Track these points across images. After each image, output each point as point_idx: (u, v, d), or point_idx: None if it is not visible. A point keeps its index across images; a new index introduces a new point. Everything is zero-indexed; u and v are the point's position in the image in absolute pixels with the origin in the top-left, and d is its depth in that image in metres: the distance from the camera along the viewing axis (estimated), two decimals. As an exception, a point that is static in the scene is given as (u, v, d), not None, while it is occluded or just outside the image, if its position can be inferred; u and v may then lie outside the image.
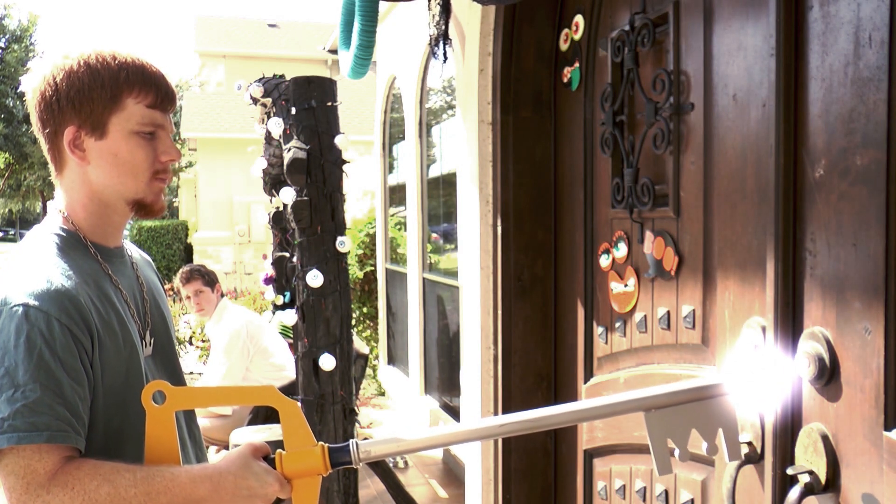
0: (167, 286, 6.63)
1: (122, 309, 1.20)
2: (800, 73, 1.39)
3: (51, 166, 1.21)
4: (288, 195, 2.83)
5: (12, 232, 48.56)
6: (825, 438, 1.31)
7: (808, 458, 1.33)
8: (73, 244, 1.18)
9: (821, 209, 1.34)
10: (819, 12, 1.35)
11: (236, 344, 3.54)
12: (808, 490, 1.29)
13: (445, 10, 2.61)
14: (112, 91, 1.15)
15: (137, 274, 1.32)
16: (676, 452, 1.11)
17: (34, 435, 1.02)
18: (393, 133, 6.16)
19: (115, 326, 1.16)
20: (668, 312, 1.88)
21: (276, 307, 3.77)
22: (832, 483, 1.29)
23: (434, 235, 5.09)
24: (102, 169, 1.17)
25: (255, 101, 3.40)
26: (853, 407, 1.26)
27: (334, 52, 6.86)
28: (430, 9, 2.67)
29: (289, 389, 3.32)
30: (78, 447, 1.07)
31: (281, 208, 3.60)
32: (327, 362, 2.79)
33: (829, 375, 1.30)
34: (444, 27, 2.61)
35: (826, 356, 1.30)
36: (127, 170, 1.18)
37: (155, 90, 1.18)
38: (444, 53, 2.69)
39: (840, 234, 1.30)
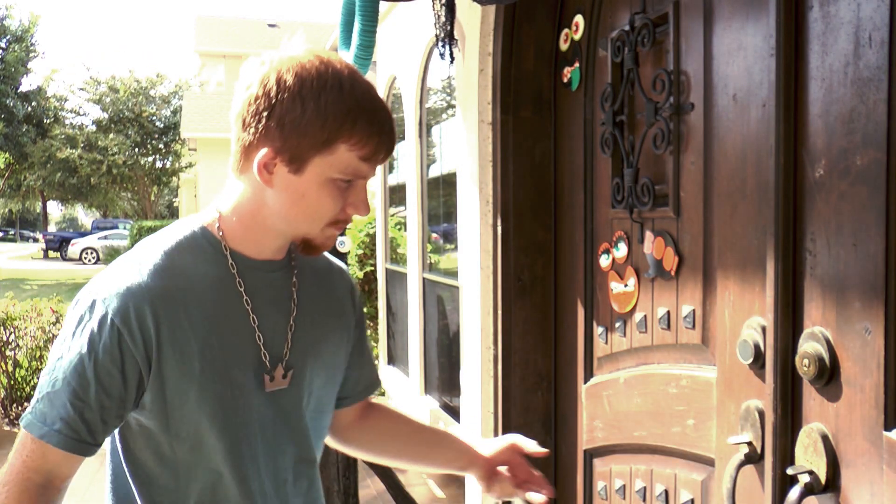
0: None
1: (236, 328, 1.09)
2: (800, 73, 1.39)
3: (233, 159, 1.09)
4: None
5: (12, 232, 48.56)
6: (825, 438, 1.31)
7: (808, 458, 1.33)
8: (200, 247, 1.09)
9: (821, 209, 1.34)
10: (819, 12, 1.35)
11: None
12: (808, 490, 1.29)
13: (450, 10, 2.61)
14: (329, 133, 1.01)
15: (293, 296, 1.16)
16: None
17: (35, 426, 1.02)
18: (393, 133, 6.15)
19: (196, 344, 1.05)
20: (668, 312, 1.88)
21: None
22: (832, 483, 1.29)
23: (434, 235, 5.09)
24: (282, 201, 1.05)
25: (255, 101, 3.41)
26: (853, 407, 1.26)
27: (334, 52, 6.85)
28: (434, 9, 2.67)
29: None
30: (75, 452, 1.03)
31: (281, 208, 3.60)
32: (327, 362, 2.78)
33: (829, 375, 1.30)
34: (449, 27, 2.61)
35: (826, 356, 1.30)
36: (307, 214, 1.06)
37: (376, 143, 1.04)
38: (451, 54, 2.68)
39: (840, 234, 1.30)
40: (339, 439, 1.39)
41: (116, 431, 1.12)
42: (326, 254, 1.25)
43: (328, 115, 1.00)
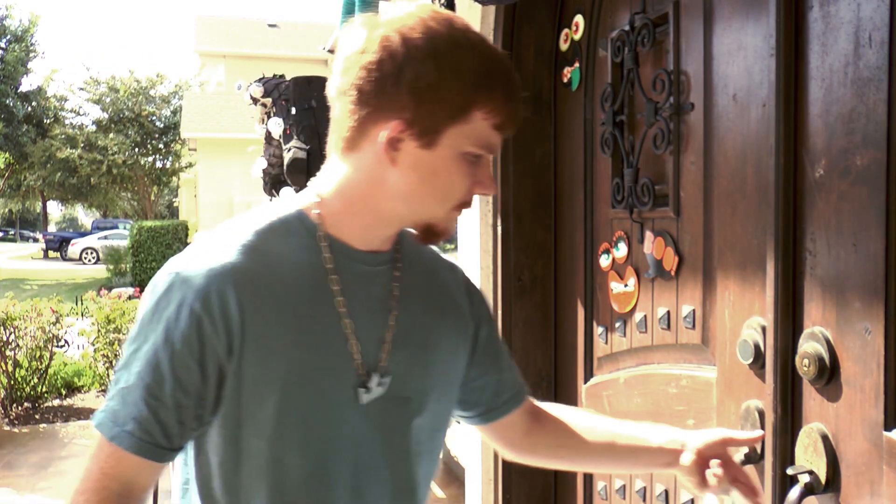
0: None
1: (328, 326, 0.95)
2: (800, 73, 1.39)
3: (335, 138, 0.96)
4: (288, 195, 2.83)
5: (12, 232, 48.58)
6: (825, 438, 1.31)
7: (808, 458, 1.33)
8: (295, 231, 0.96)
9: (821, 209, 1.34)
10: (819, 12, 1.35)
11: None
12: (809, 490, 1.29)
13: (450, 9, 2.61)
14: (466, 98, 0.89)
15: (396, 293, 1.02)
16: None
17: (106, 425, 0.90)
18: (393, 133, 6.16)
19: (283, 340, 0.92)
20: (668, 312, 1.88)
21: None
22: (832, 483, 1.29)
23: (434, 235, 5.09)
24: (409, 180, 0.92)
25: (255, 101, 3.41)
26: (853, 407, 1.26)
27: (334, 52, 6.85)
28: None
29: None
30: (149, 458, 0.90)
31: (281, 208, 3.59)
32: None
33: (829, 375, 1.30)
34: (446, 27, 2.61)
35: (826, 356, 1.30)
36: (438, 193, 0.93)
37: (511, 109, 0.93)
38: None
39: (840, 234, 1.30)
40: (519, 452, 1.23)
41: (190, 445, 0.97)
42: (449, 269, 1.12)
43: (466, 76, 0.89)
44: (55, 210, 52.10)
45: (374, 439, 0.97)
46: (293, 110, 2.87)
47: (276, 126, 2.96)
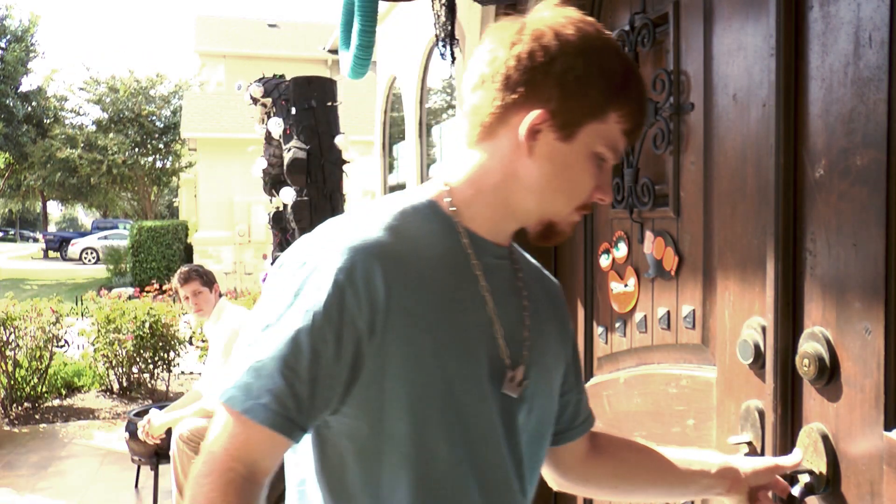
0: (166, 287, 6.63)
1: (471, 312, 0.93)
2: (800, 72, 1.39)
3: (470, 126, 0.97)
4: (288, 195, 2.83)
5: (12, 232, 48.58)
6: (825, 438, 1.31)
7: (809, 458, 1.33)
8: (428, 219, 0.94)
9: (821, 209, 1.34)
10: (819, 12, 1.35)
11: (235, 344, 3.53)
12: (809, 490, 1.29)
13: (450, 10, 2.61)
14: (607, 98, 0.92)
15: (521, 289, 1.02)
16: None
17: (237, 399, 0.84)
18: (393, 133, 6.16)
19: (428, 321, 0.89)
20: (668, 312, 1.88)
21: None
22: (832, 483, 1.29)
23: (434, 235, 5.09)
24: (542, 172, 0.93)
25: (255, 101, 3.41)
26: (853, 407, 1.26)
27: (334, 52, 6.86)
28: (434, 9, 2.67)
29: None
30: (282, 433, 0.85)
31: (281, 208, 3.60)
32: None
33: (829, 375, 1.30)
34: (449, 27, 2.61)
35: (826, 356, 1.30)
36: (566, 188, 0.94)
37: (641, 117, 0.96)
38: (451, 54, 2.69)
39: (840, 233, 1.30)
40: (573, 480, 1.19)
41: (310, 440, 0.92)
42: (535, 266, 1.12)
43: (610, 77, 0.91)
44: (55, 210, 52.10)
45: (499, 435, 0.94)
46: (293, 110, 2.87)
47: (276, 126, 2.96)
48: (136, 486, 4.15)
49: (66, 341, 6.01)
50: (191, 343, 6.28)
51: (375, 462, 0.89)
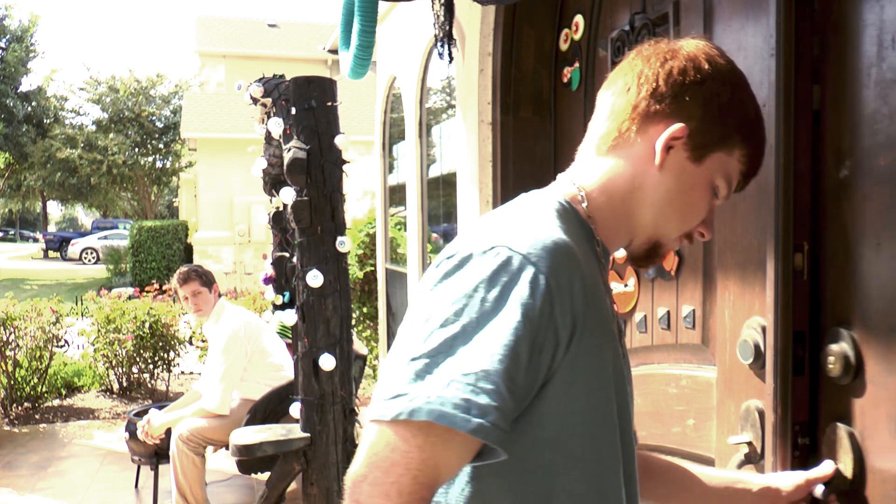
0: (166, 287, 6.63)
1: (612, 322, 0.92)
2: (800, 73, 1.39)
3: (606, 131, 0.98)
4: (288, 195, 2.83)
5: (12, 232, 48.57)
6: (851, 436, 1.30)
7: (832, 457, 1.33)
8: (575, 221, 0.93)
9: (844, 209, 1.34)
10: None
11: (234, 344, 3.54)
12: (834, 489, 1.29)
13: (449, 10, 2.61)
14: (740, 131, 0.95)
15: (616, 307, 1.05)
16: None
17: (461, 418, 0.73)
18: (393, 133, 6.16)
19: (605, 328, 0.87)
20: (668, 312, 1.88)
21: (276, 307, 3.77)
22: (858, 479, 1.29)
23: (434, 235, 5.09)
24: (667, 188, 0.94)
25: (255, 101, 3.40)
26: (878, 405, 1.26)
27: (334, 52, 6.86)
28: (433, 9, 2.67)
29: (287, 389, 3.32)
30: (502, 454, 0.77)
31: (281, 208, 3.60)
32: (327, 362, 2.78)
33: (854, 373, 1.30)
34: (448, 27, 2.61)
35: (851, 354, 1.30)
36: (683, 210, 0.95)
37: (759, 163, 0.99)
38: (450, 53, 2.69)
39: (864, 234, 1.30)
40: None
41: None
42: None
43: (746, 113, 0.95)
44: (55, 210, 52.10)
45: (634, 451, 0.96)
46: (293, 110, 2.87)
47: (276, 126, 2.96)
48: (136, 486, 4.15)
49: (66, 341, 6.01)
50: (191, 343, 6.28)
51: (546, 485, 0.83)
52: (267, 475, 3.11)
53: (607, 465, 0.86)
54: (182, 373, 6.70)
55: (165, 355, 6.13)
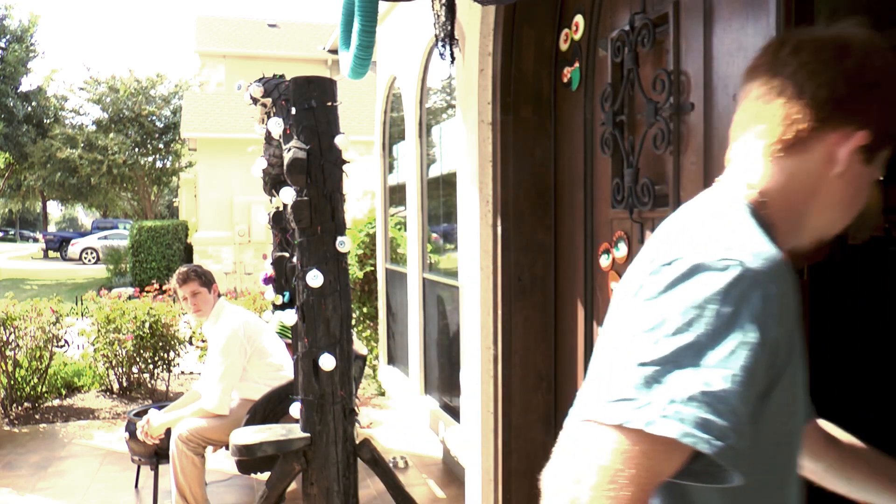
0: (166, 287, 6.63)
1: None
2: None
3: (779, 134, 0.92)
4: (288, 195, 2.83)
5: (12, 232, 48.57)
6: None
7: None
8: (761, 226, 0.89)
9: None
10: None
11: (234, 344, 3.53)
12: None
13: (450, 10, 2.61)
14: None
15: None
16: None
17: (703, 439, 0.72)
18: (393, 133, 6.16)
19: (801, 348, 0.85)
20: (668, 312, 1.88)
21: (276, 307, 3.76)
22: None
23: (434, 235, 5.09)
24: (844, 193, 0.92)
25: (255, 101, 3.40)
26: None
27: (334, 52, 6.86)
28: (434, 9, 2.67)
29: (287, 389, 3.31)
30: (730, 482, 0.76)
31: (281, 208, 3.60)
32: (327, 362, 2.78)
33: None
34: (449, 27, 2.61)
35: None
36: (852, 208, 0.93)
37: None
38: (451, 54, 2.68)
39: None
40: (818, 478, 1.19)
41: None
42: None
43: None
44: (55, 210, 52.09)
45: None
46: (293, 110, 2.86)
47: (276, 126, 2.96)
48: (136, 486, 4.15)
49: (66, 341, 6.01)
50: (191, 343, 6.27)
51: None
52: (267, 475, 3.11)
53: (783, 486, 0.87)
54: (182, 373, 6.70)
55: (165, 355, 6.13)
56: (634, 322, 0.80)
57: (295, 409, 2.96)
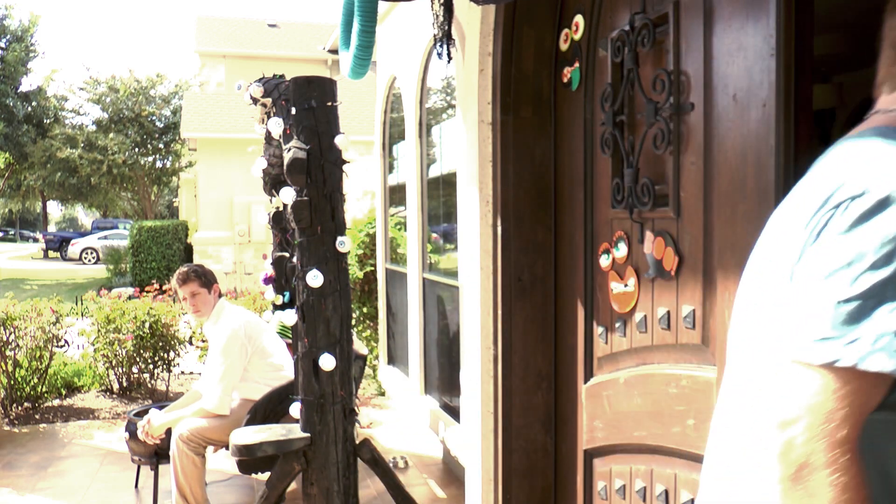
0: (166, 287, 6.63)
1: None
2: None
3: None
4: (288, 195, 2.83)
5: (12, 232, 48.57)
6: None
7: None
8: None
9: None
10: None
11: (234, 344, 3.53)
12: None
13: (448, 10, 2.61)
14: None
15: None
16: None
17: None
18: (393, 133, 6.16)
19: None
20: (668, 312, 1.88)
21: (276, 307, 3.76)
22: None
23: (434, 235, 5.09)
24: None
25: (255, 101, 3.40)
26: None
27: (334, 52, 6.86)
28: (432, 9, 2.67)
29: (287, 389, 3.32)
30: None
31: (281, 208, 3.60)
32: (327, 362, 2.78)
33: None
34: (447, 27, 2.61)
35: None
36: None
37: None
38: (448, 53, 2.69)
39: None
40: None
41: None
42: None
43: None
44: (55, 210, 52.08)
45: None
46: (293, 110, 2.86)
47: (276, 126, 2.96)
48: (136, 486, 4.14)
49: (66, 341, 6.01)
50: (191, 343, 6.27)
51: None
52: (267, 475, 3.11)
53: None
54: (182, 373, 6.70)
55: (165, 355, 6.13)
56: (825, 259, 0.78)
57: (295, 409, 2.96)
